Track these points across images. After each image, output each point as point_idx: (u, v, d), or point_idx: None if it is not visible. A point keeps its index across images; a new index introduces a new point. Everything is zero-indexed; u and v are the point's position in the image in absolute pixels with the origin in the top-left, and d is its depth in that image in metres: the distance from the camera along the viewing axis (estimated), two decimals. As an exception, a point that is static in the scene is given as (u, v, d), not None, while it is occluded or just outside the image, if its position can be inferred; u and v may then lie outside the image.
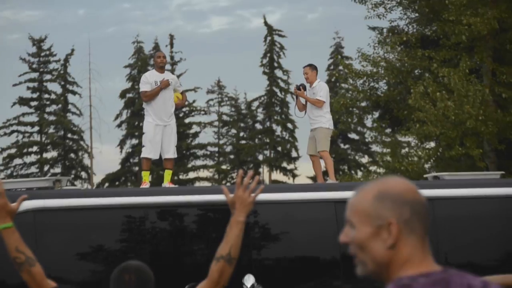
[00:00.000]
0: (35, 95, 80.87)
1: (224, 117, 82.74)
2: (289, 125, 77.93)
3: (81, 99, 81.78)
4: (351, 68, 52.71)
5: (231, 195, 9.48)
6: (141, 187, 27.91)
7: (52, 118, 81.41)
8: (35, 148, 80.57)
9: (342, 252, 25.02)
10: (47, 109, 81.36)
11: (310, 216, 25.69)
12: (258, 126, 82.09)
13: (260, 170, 76.43)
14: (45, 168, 77.83)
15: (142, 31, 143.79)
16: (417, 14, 44.64)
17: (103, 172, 79.20)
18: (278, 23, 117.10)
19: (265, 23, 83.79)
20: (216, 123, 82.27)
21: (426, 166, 40.87)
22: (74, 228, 24.80)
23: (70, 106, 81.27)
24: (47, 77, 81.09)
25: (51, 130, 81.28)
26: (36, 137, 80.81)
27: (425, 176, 35.05)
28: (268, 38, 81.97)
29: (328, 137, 29.01)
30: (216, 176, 76.71)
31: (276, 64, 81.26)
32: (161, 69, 28.49)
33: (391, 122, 48.82)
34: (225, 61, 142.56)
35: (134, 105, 73.24)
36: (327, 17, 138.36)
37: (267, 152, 79.61)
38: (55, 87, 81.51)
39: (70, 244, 24.29)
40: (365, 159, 68.39)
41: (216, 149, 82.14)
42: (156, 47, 74.25)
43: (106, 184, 73.86)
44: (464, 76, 38.81)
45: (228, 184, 70.00)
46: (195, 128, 78.80)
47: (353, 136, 65.94)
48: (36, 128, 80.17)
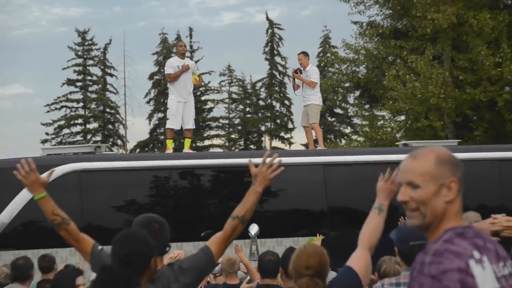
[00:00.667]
0: (80, 77, 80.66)
1: (233, 95, 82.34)
2: (286, 102, 77.55)
3: (117, 80, 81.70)
4: (336, 55, 52.85)
5: (256, 168, 9.40)
6: (165, 152, 28.12)
7: (93, 95, 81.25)
8: (79, 120, 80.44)
9: (328, 206, 25.15)
10: (90, 89, 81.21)
11: (304, 176, 25.69)
12: (261, 102, 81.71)
13: (262, 139, 76.20)
14: (88, 137, 77.73)
15: (166, 24, 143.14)
16: (390, 11, 44.63)
17: (135, 140, 79.00)
18: (277, 18, 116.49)
19: (267, 18, 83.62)
20: (227, 100, 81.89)
21: (397, 135, 40.83)
22: (111, 185, 25.08)
23: (108, 86, 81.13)
24: (90, 62, 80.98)
25: (93, 105, 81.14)
26: (81, 111, 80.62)
27: (396, 143, 35.13)
28: (269, 30, 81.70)
29: (318, 112, 29.05)
30: (227, 144, 76.52)
31: (275, 52, 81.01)
32: (182, 55, 28.73)
33: (369, 100, 48.74)
34: (234, 49, 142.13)
35: (160, 85, 72.96)
36: (317, 13, 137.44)
37: (268, 124, 79.28)
38: (96, 71, 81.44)
39: (108, 198, 24.48)
40: (348, 130, 68.21)
41: (227, 121, 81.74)
42: (178, 38, 73.85)
43: (137, 150, 73.63)
44: (428, 62, 38.79)
45: (236, 150, 70.10)
46: (209, 104, 78.39)
47: (338, 111, 65.53)
48: (81, 104, 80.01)
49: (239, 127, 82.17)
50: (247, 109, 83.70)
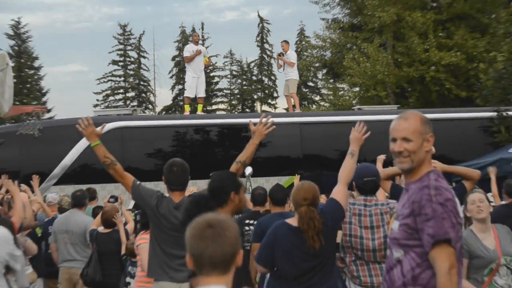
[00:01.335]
0: (121, 59, 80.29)
1: (234, 72, 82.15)
2: (272, 77, 77.31)
3: (148, 61, 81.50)
4: (309, 43, 52.87)
5: (254, 126, 9.78)
6: (184, 114, 28.11)
7: (131, 72, 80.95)
8: (121, 91, 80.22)
9: (303, 154, 25.13)
10: (128, 67, 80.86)
11: (285, 131, 25.57)
12: (254, 78, 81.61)
13: (255, 104, 75.94)
14: (127, 103, 77.44)
15: (184, 20, 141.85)
16: (348, 10, 44.56)
17: (161, 105, 78.76)
18: (266, 15, 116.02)
19: (258, 15, 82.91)
20: (229, 76, 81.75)
21: (353, 102, 40.77)
22: (144, 138, 25.27)
23: (142, 65, 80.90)
24: (128, 48, 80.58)
25: (131, 79, 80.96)
26: (122, 84, 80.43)
27: (352, 108, 35.17)
28: (260, 25, 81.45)
29: (295, 85, 29.03)
30: (229, 108, 76.38)
31: (264, 41, 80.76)
32: (196, 43, 28.81)
33: (333, 76, 48.53)
34: (234, 38, 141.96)
35: (180, 64, 72.49)
36: (295, 12, 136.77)
37: (259, 93, 79.01)
38: (133, 54, 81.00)
39: (142, 147, 24.60)
40: (317, 98, 67.97)
41: (229, 92, 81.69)
42: (193, 30, 73.41)
43: (163, 112, 73.34)
44: (376, 48, 38.66)
45: (235, 113, 70.08)
46: (216, 79, 78.15)
47: (310, 84, 65.23)
48: (122, 79, 79.84)
49: (238, 96, 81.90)
50: (244, 83, 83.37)
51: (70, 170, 23.38)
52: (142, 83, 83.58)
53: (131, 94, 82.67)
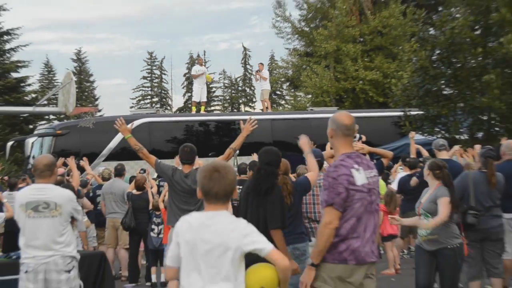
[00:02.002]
0: (149, 75, 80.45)
1: (225, 84, 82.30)
2: (252, 88, 77.11)
3: (167, 76, 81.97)
4: (277, 64, 53.25)
5: (243, 124, 10.34)
6: (192, 113, 28.20)
7: (155, 84, 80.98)
8: (148, 97, 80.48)
9: (273, 140, 25.09)
10: (154, 81, 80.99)
11: (261, 125, 25.44)
12: (239, 88, 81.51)
13: (240, 106, 75.83)
14: (153, 105, 77.40)
15: (192, 48, 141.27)
16: (304, 42, 44.17)
17: (176, 106, 78.97)
18: (248, 45, 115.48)
19: (243, 46, 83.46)
20: (222, 87, 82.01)
21: (307, 105, 40.57)
22: (165, 129, 25.21)
23: (163, 80, 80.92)
24: (154, 68, 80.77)
25: (155, 89, 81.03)
26: (149, 92, 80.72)
27: (306, 109, 35.13)
28: (244, 52, 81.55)
29: (268, 93, 29.10)
30: (222, 109, 76.47)
31: (247, 63, 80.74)
32: (200, 64, 29.20)
33: (293, 87, 48.31)
34: (226, 61, 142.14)
35: (189, 79, 72.48)
36: (268, 44, 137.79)
37: (243, 99, 79.01)
38: (157, 72, 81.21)
39: (163, 136, 24.61)
40: (283, 102, 67.89)
41: (222, 98, 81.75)
42: (198, 55, 73.44)
43: (177, 112, 73.35)
44: (322, 69, 38.57)
45: (227, 112, 70.00)
46: (214, 89, 78.32)
47: (278, 92, 65.10)
48: (149, 89, 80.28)
49: (228, 101, 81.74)
50: (232, 92, 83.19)
51: (113, 151, 23.60)
52: (163, 91, 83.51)
53: (155, 99, 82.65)
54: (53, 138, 23.72)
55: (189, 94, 74.37)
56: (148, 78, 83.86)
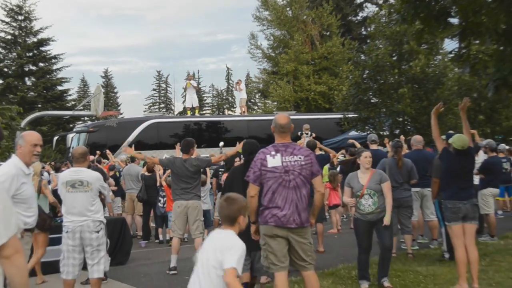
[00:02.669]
0: (157, 88, 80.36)
1: (214, 94, 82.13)
2: (233, 97, 76.93)
3: (171, 88, 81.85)
4: (251, 80, 53.09)
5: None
6: (188, 115, 27.84)
7: (162, 95, 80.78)
8: (157, 104, 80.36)
9: (248, 135, 24.80)
10: (161, 92, 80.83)
11: (239, 125, 25.40)
12: (223, 97, 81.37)
13: (225, 111, 75.26)
14: (160, 110, 77.09)
15: (189, 68, 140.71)
16: (271, 64, 43.97)
17: (177, 111, 78.74)
18: (230, 66, 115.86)
19: (226, 66, 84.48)
20: (212, 96, 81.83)
21: (274, 110, 40.66)
22: (169, 128, 24.83)
23: (168, 91, 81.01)
24: (161, 82, 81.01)
25: (162, 98, 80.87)
26: (157, 100, 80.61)
27: (273, 113, 35.06)
28: (227, 71, 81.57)
29: (245, 101, 28.89)
30: (211, 112, 76.32)
31: (230, 79, 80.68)
32: (190, 80, 28.43)
33: (264, 97, 48.11)
34: (214, 78, 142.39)
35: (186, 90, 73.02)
36: (244, 65, 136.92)
37: (227, 105, 78.75)
38: (163, 85, 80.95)
39: (168, 133, 24.34)
40: (256, 107, 67.79)
41: (211, 104, 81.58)
42: (194, 74, 73.44)
43: (178, 114, 73.14)
44: (285, 83, 38.32)
45: (215, 114, 69.66)
46: (205, 98, 78.13)
47: (252, 100, 64.80)
48: (157, 98, 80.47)
49: (216, 106, 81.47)
50: (219, 100, 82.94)
51: (131, 143, 23.26)
52: (167, 100, 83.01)
53: (162, 105, 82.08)
54: (87, 134, 23.68)
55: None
56: (157, 90, 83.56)
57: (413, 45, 21.34)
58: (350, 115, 23.88)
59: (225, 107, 79.39)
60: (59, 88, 41.61)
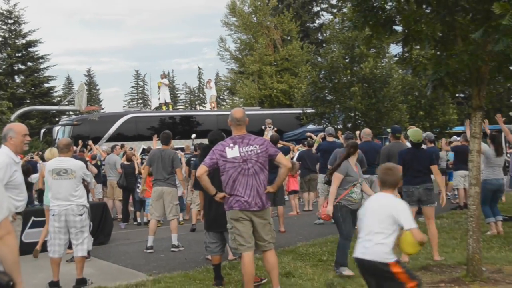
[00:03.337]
0: (135, 85, 79.50)
1: (187, 91, 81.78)
2: (204, 94, 76.27)
3: (148, 86, 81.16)
4: (220, 79, 52.82)
5: None
6: (163, 110, 27.56)
7: (140, 91, 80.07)
8: (135, 100, 79.81)
9: (218, 128, 24.80)
10: (139, 89, 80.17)
11: (210, 119, 25.28)
12: (195, 94, 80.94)
13: (196, 106, 74.64)
14: (138, 105, 76.31)
15: (164, 68, 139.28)
16: (238, 64, 43.83)
17: (153, 106, 78.11)
18: (202, 66, 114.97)
19: (198, 66, 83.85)
20: (184, 94, 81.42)
21: (240, 105, 40.35)
22: (145, 121, 24.56)
23: (145, 89, 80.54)
24: (139, 80, 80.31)
25: (140, 95, 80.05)
26: (136, 97, 79.87)
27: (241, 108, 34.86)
28: (198, 70, 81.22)
29: (215, 97, 28.83)
30: (184, 108, 75.92)
31: (201, 77, 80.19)
32: (162, 78, 28.45)
33: (231, 94, 48.00)
34: (187, 77, 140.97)
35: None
36: (215, 65, 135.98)
37: (198, 101, 78.21)
38: (141, 83, 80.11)
39: (145, 127, 24.06)
40: (224, 103, 67.68)
41: (184, 100, 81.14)
42: (168, 73, 73.26)
43: (154, 109, 72.59)
44: (250, 82, 38.25)
45: (188, 110, 69.12)
46: (179, 94, 77.78)
47: (221, 97, 64.68)
48: (135, 95, 79.88)
49: (188, 102, 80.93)
50: (191, 96, 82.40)
51: (111, 136, 23.15)
52: (144, 96, 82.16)
53: (140, 101, 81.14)
54: (71, 127, 23.35)
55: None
56: (135, 87, 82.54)
57: (363, 49, 21.57)
58: (308, 111, 23.98)
59: (196, 103, 78.97)
60: (46, 85, 41.23)
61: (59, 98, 42.16)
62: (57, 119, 37.81)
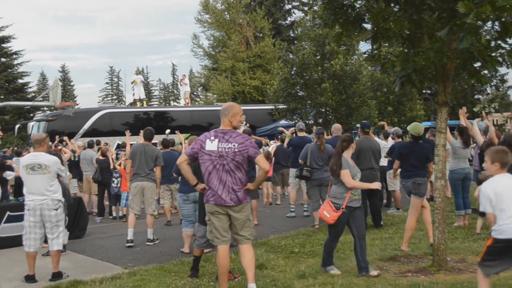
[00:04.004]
0: (110, 81, 78.30)
1: (161, 87, 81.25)
2: (178, 90, 75.72)
3: (122, 82, 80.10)
4: (194, 75, 52.42)
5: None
6: (137, 106, 27.35)
7: (114, 87, 78.82)
8: (110, 96, 78.91)
9: (192, 124, 24.72)
10: (113, 85, 79.10)
11: (185, 114, 25.15)
12: (169, 90, 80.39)
13: (171, 102, 73.92)
14: (113, 101, 75.59)
15: (138, 64, 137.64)
16: (211, 60, 43.67)
17: (128, 102, 77.45)
18: (175, 62, 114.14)
19: (172, 63, 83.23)
20: (158, 90, 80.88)
21: (214, 101, 40.27)
22: (120, 117, 24.30)
23: (120, 85, 79.61)
24: (113, 76, 79.28)
25: (114, 91, 78.95)
26: (110, 92, 78.97)
27: (213, 103, 34.82)
28: (172, 66, 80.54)
29: (188, 93, 28.69)
30: (159, 104, 75.45)
31: (175, 74, 79.71)
32: (137, 74, 28.12)
33: (205, 90, 47.77)
34: (161, 73, 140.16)
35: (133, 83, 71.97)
36: (188, 61, 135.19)
37: (172, 97, 77.55)
38: (115, 79, 79.01)
39: (119, 122, 23.79)
40: (198, 99, 67.25)
41: (158, 96, 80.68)
42: (143, 69, 72.52)
43: (129, 105, 72.10)
44: (223, 78, 38.10)
45: (162, 105, 68.47)
46: (153, 90, 77.19)
47: (195, 93, 64.67)
48: (110, 90, 78.99)
49: (163, 98, 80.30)
50: (165, 92, 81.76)
51: (86, 131, 22.90)
52: (119, 92, 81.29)
53: (114, 97, 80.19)
54: (46, 122, 23.02)
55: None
56: (109, 83, 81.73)
57: (334, 46, 21.67)
58: (280, 106, 24.05)
59: (171, 99, 78.41)
60: (20, 81, 40.81)
61: (33, 94, 41.70)
62: (31, 114, 37.40)
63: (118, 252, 8.63)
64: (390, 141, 12.71)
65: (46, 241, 7.06)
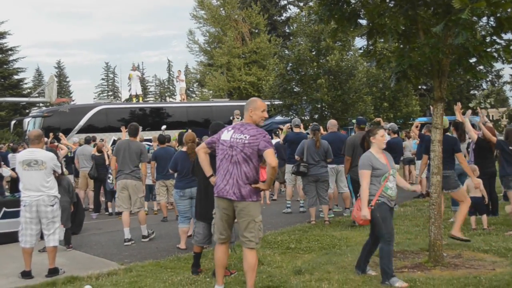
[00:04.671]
0: (105, 77, 78.08)
1: (157, 83, 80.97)
2: (174, 86, 75.58)
3: (118, 78, 79.80)
4: (190, 71, 52.26)
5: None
6: (133, 102, 27.26)
7: (110, 83, 78.66)
8: (105, 92, 78.63)
9: (188, 119, 24.63)
10: (109, 81, 78.85)
11: (181, 110, 25.10)
12: (165, 86, 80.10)
13: (167, 98, 73.78)
14: (109, 97, 75.36)
15: (134, 60, 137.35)
16: (207, 56, 43.61)
17: (124, 98, 76.96)
18: (171, 58, 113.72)
19: (167, 59, 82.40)
20: (154, 86, 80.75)
21: (210, 97, 40.32)
22: (115, 113, 24.24)
23: (116, 81, 79.30)
24: (109, 73, 78.99)
25: (110, 87, 78.69)
26: (106, 89, 78.68)
27: (209, 99, 34.75)
28: (168, 62, 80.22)
29: (184, 89, 28.45)
30: (154, 100, 75.16)
31: (170, 70, 79.52)
32: (133, 70, 27.90)
33: (201, 86, 47.77)
34: (157, 69, 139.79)
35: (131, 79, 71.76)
36: (184, 57, 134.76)
37: (168, 93, 77.49)
38: (111, 75, 78.74)
39: (115, 118, 23.70)
40: (194, 95, 67.24)
41: (154, 92, 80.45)
42: (138, 65, 72.33)
43: (125, 101, 71.80)
44: (219, 74, 38.16)
45: (158, 101, 68.26)
46: (149, 86, 76.75)
47: (191, 89, 64.56)
48: (106, 87, 78.93)
49: (158, 94, 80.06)
50: (161, 88, 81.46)
51: (82, 127, 22.81)
52: (115, 88, 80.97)
53: (110, 93, 79.93)
54: (42, 119, 22.95)
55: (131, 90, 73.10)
56: (105, 79, 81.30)
57: (329, 42, 21.69)
58: (276, 102, 24.03)
59: (166, 95, 78.32)
60: (16, 77, 40.64)
61: (29, 90, 41.54)
62: (27, 110, 37.36)
63: (115, 248, 8.62)
64: (386, 136, 12.67)
65: (42, 237, 7.05)
